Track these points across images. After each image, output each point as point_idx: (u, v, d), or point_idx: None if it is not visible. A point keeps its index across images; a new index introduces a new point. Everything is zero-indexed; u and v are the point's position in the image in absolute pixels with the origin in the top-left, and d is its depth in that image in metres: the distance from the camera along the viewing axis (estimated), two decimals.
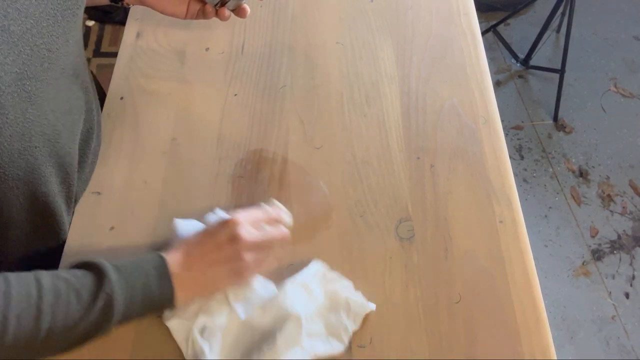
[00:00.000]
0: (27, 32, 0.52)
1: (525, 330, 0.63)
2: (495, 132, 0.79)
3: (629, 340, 1.55)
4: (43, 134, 0.58)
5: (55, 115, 0.61)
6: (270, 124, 0.80)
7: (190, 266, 0.58)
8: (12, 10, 0.51)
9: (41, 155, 0.59)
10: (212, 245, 0.59)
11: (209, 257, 0.59)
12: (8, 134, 0.52)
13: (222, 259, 0.59)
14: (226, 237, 0.59)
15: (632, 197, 1.82)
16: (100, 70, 2.04)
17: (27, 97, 0.54)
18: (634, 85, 2.08)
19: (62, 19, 0.57)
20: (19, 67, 0.52)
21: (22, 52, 0.52)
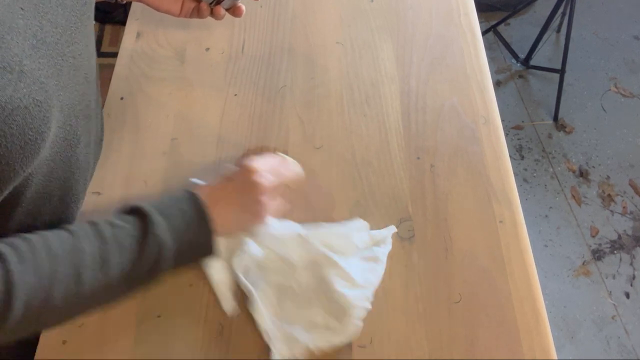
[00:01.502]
0: (58, 43, 0.53)
1: (525, 330, 0.63)
2: (495, 132, 0.79)
3: (630, 340, 1.55)
4: (65, 140, 0.59)
5: (78, 122, 0.61)
6: (270, 124, 0.80)
7: (215, 208, 0.60)
8: (46, 22, 0.51)
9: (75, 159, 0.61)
10: (234, 189, 0.63)
11: (231, 200, 0.62)
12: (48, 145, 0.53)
13: (243, 202, 0.62)
14: (245, 182, 0.62)
15: (632, 197, 1.82)
16: (100, 70, 2.03)
17: (59, 110, 0.54)
18: (634, 85, 2.08)
19: (81, 24, 0.58)
20: (56, 78, 0.52)
21: (57, 63, 0.52)
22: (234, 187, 0.63)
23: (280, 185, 0.65)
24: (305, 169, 0.75)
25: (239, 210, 0.63)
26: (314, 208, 0.72)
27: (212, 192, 0.62)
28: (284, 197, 0.67)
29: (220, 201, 0.61)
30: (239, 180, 0.63)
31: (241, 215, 0.63)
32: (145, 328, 0.63)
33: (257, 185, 0.62)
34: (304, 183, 0.74)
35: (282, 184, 0.66)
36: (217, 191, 0.63)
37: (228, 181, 0.64)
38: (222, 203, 0.61)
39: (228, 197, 0.62)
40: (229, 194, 0.62)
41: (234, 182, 0.63)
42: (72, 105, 0.59)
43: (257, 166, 0.63)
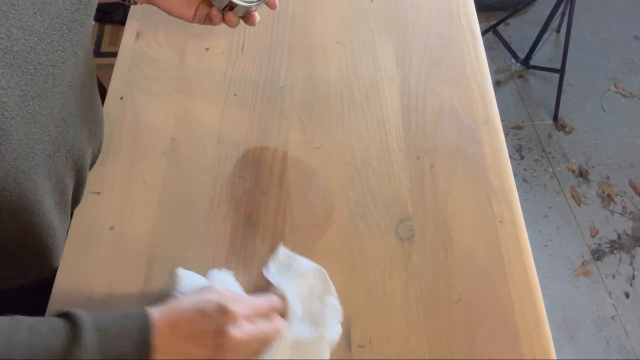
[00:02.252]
0: (31, 51, 0.50)
1: (525, 330, 0.63)
2: (495, 132, 0.79)
3: (629, 340, 1.55)
4: (44, 151, 0.57)
5: (58, 130, 0.59)
6: (270, 124, 0.80)
7: (172, 341, 0.54)
8: (16, 30, 0.48)
9: (42, 172, 0.58)
10: (201, 330, 0.54)
11: (193, 340, 0.54)
12: (12, 157, 0.51)
13: (205, 346, 0.54)
14: (215, 327, 0.54)
15: (632, 197, 1.82)
16: (100, 70, 2.03)
17: (30, 118, 0.52)
18: (634, 85, 2.09)
19: (68, 31, 0.55)
20: (22, 88, 0.50)
21: (25, 72, 0.50)
22: (203, 329, 0.54)
23: (254, 341, 0.56)
24: (305, 169, 0.75)
25: (193, 354, 0.54)
26: (314, 208, 0.72)
27: (175, 324, 0.54)
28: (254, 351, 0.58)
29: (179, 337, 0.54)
30: (211, 321, 0.54)
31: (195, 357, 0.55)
32: None
33: (226, 336, 0.53)
34: (304, 183, 0.74)
35: (258, 341, 0.57)
36: (182, 325, 0.54)
37: (199, 317, 0.54)
38: (180, 340, 0.54)
39: (191, 337, 0.54)
40: (193, 334, 0.54)
41: (205, 320, 0.54)
42: (51, 114, 0.56)
43: (239, 313, 0.55)
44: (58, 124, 0.59)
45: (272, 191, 0.74)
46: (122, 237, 0.70)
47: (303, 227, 0.71)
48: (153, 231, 0.70)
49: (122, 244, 0.69)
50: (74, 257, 0.68)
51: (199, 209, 0.72)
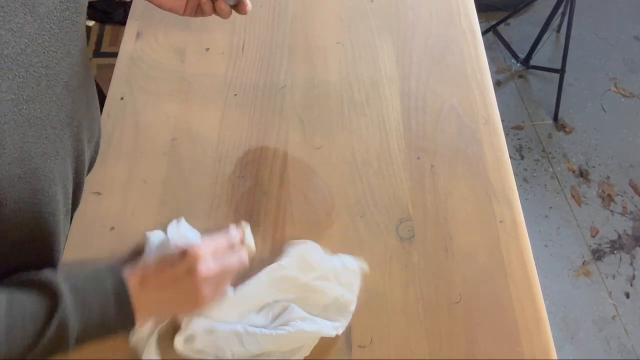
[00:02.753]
0: (22, 53, 0.50)
1: (525, 330, 0.63)
2: (495, 132, 0.79)
3: (630, 340, 1.55)
4: (44, 154, 0.56)
5: (55, 132, 0.59)
6: (270, 124, 0.80)
7: (147, 292, 0.56)
8: (5, 32, 0.47)
9: (44, 176, 0.57)
10: (170, 277, 0.57)
11: (166, 288, 0.57)
12: (7, 162, 0.50)
13: (179, 290, 0.57)
14: (184, 269, 0.57)
15: (632, 196, 1.82)
16: (100, 70, 2.04)
17: (25, 121, 0.52)
18: (634, 85, 2.08)
19: (59, 31, 0.55)
20: (15, 92, 0.49)
21: (17, 75, 0.49)
22: (171, 275, 0.57)
23: (224, 273, 0.59)
24: (305, 169, 0.75)
25: (171, 299, 0.58)
26: (314, 208, 0.72)
27: (144, 278, 0.56)
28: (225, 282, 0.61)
29: (152, 285, 0.56)
30: (177, 267, 0.57)
31: (173, 304, 0.58)
32: None
33: (195, 273, 0.56)
34: (305, 183, 0.74)
35: (227, 272, 0.59)
36: (151, 277, 0.57)
37: (166, 266, 0.57)
38: (153, 287, 0.56)
39: (162, 285, 0.57)
40: (164, 283, 0.57)
41: (172, 268, 0.57)
42: (47, 117, 0.56)
43: (200, 251, 0.57)
44: (55, 127, 0.58)
45: (272, 191, 0.74)
46: (122, 237, 0.70)
47: (303, 227, 0.71)
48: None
49: (122, 244, 0.69)
50: (74, 257, 0.68)
51: (200, 209, 0.72)
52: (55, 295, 0.52)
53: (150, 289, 0.56)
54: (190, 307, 0.59)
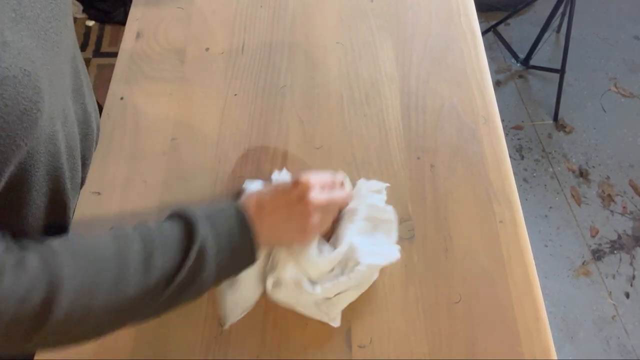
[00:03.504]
0: (39, 17, 0.53)
1: (525, 330, 0.63)
2: (495, 132, 0.79)
3: (629, 340, 1.55)
4: (59, 118, 0.59)
5: (65, 100, 0.62)
6: (270, 124, 0.80)
7: (261, 218, 0.60)
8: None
9: (60, 140, 0.60)
10: (283, 202, 0.61)
11: (280, 212, 0.61)
12: (46, 117, 0.53)
13: (291, 215, 0.61)
14: (297, 197, 0.61)
15: (632, 196, 1.82)
16: (100, 70, 2.04)
17: (50, 82, 0.54)
18: (634, 85, 2.09)
19: (55, 4, 0.58)
20: (42, 51, 0.52)
21: (39, 37, 0.52)
22: (285, 201, 0.61)
23: (331, 204, 0.63)
24: (305, 169, 0.75)
25: (284, 225, 0.61)
26: None
27: (260, 203, 0.61)
28: (332, 214, 0.65)
29: (267, 213, 0.60)
30: (290, 194, 0.61)
31: (286, 230, 0.62)
32: (145, 328, 0.63)
33: (307, 200, 0.60)
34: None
35: (334, 204, 0.64)
36: (267, 202, 0.61)
37: (280, 193, 0.62)
38: (269, 215, 0.60)
39: (277, 209, 0.61)
40: (278, 207, 0.61)
41: (285, 195, 0.61)
42: (63, 83, 0.59)
43: (311, 182, 0.62)
44: (64, 94, 0.61)
45: None
46: None
47: None
48: None
49: None
50: None
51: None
52: (192, 225, 0.56)
53: (266, 212, 0.60)
54: (300, 235, 0.62)
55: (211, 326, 0.63)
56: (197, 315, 0.64)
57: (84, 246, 0.52)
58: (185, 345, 0.62)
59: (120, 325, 0.53)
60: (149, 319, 0.55)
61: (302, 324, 0.64)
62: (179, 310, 0.64)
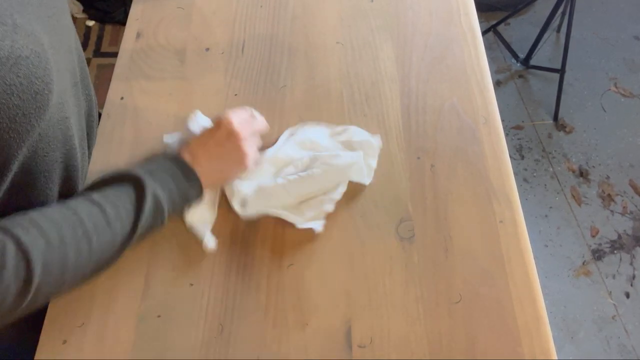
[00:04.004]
0: (41, 4, 0.55)
1: (525, 330, 0.63)
2: (495, 132, 0.79)
3: (630, 340, 1.55)
4: (69, 104, 0.62)
5: (70, 87, 0.64)
6: (270, 124, 0.80)
7: (199, 162, 0.65)
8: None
9: (72, 126, 0.63)
10: (214, 143, 0.66)
11: (214, 152, 0.66)
12: (55, 100, 0.55)
13: (225, 152, 0.66)
14: (224, 134, 0.66)
15: (633, 196, 1.82)
16: (100, 70, 2.04)
17: (57, 68, 0.56)
18: (634, 85, 2.08)
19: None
20: (48, 35, 0.54)
21: (43, 22, 0.54)
22: (214, 141, 0.66)
23: (253, 133, 0.69)
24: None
25: (221, 162, 0.66)
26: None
27: (192, 151, 0.65)
28: (257, 141, 0.71)
29: (203, 157, 0.65)
30: (217, 134, 0.66)
31: (224, 166, 0.67)
32: (145, 328, 0.63)
33: (234, 134, 0.66)
34: None
35: (255, 133, 0.70)
36: (198, 148, 0.65)
37: (207, 137, 0.67)
38: (204, 158, 0.65)
39: (210, 151, 0.65)
40: (211, 149, 0.65)
41: (213, 136, 0.66)
42: (67, 70, 0.61)
43: (232, 118, 0.67)
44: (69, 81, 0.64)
45: None
46: None
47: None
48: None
49: None
50: None
51: None
52: (138, 177, 0.60)
53: (202, 160, 0.65)
54: (239, 167, 0.68)
55: (211, 326, 0.63)
56: (197, 315, 0.64)
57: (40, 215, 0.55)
58: (185, 345, 0.62)
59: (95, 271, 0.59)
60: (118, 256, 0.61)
61: (302, 324, 0.64)
62: (179, 310, 0.64)
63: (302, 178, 0.68)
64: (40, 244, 0.52)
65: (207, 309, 0.65)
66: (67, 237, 0.54)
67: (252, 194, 0.69)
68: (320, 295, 0.65)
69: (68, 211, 0.56)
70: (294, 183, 0.68)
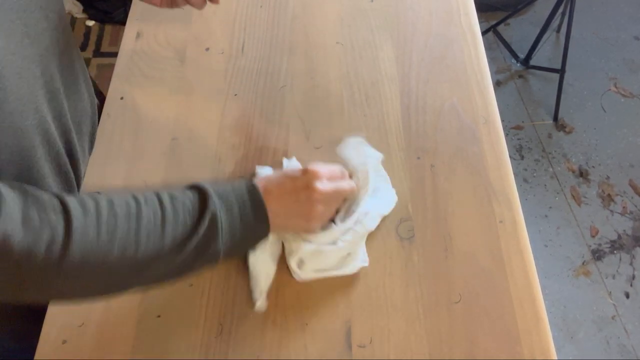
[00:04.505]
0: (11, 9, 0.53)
1: (525, 330, 0.63)
2: (495, 132, 0.79)
3: (629, 340, 1.55)
4: (35, 112, 0.59)
5: (43, 93, 0.61)
6: (270, 124, 0.80)
7: (269, 201, 0.60)
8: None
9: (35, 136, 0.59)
10: (291, 187, 0.62)
11: (286, 197, 0.62)
12: (8, 111, 0.53)
13: (297, 201, 0.62)
14: (303, 184, 0.62)
15: (632, 196, 1.82)
16: (100, 70, 2.04)
17: (17, 74, 0.54)
18: (634, 85, 2.08)
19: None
20: (2, 40, 0.52)
21: (2, 25, 0.52)
22: (292, 187, 0.62)
23: (337, 194, 0.65)
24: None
25: (290, 210, 0.62)
26: None
27: (268, 187, 0.61)
28: (336, 205, 0.67)
29: (274, 197, 0.61)
30: (297, 181, 0.62)
31: (292, 216, 0.62)
32: (145, 328, 0.63)
33: (313, 188, 0.62)
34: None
35: (339, 194, 0.65)
36: (274, 187, 0.61)
37: (288, 179, 0.63)
38: (276, 199, 0.61)
39: (283, 194, 0.61)
40: (285, 192, 0.62)
41: (293, 181, 0.62)
42: (34, 76, 0.58)
43: (319, 171, 0.63)
44: (42, 87, 0.60)
45: None
46: None
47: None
48: None
49: None
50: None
51: None
52: (206, 194, 0.57)
53: (273, 196, 0.61)
54: (304, 221, 0.63)
55: (211, 326, 0.63)
56: (196, 315, 0.64)
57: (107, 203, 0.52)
58: (185, 345, 0.62)
59: (130, 284, 0.54)
60: (159, 282, 0.56)
61: (302, 324, 0.64)
62: (179, 310, 0.64)
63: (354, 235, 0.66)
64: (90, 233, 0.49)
65: (206, 309, 0.65)
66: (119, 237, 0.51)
67: (309, 255, 0.65)
68: (320, 295, 0.65)
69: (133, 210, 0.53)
70: (348, 243, 0.66)
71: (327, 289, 0.66)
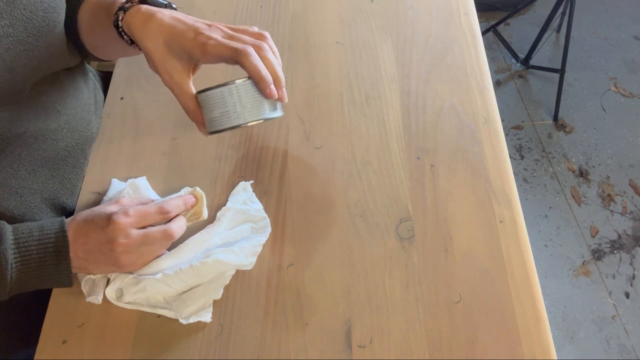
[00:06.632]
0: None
1: (525, 330, 0.63)
2: (495, 132, 0.79)
3: (630, 339, 1.55)
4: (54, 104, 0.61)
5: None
6: (270, 124, 0.80)
7: (76, 247, 0.61)
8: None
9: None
10: (95, 239, 0.61)
11: (90, 247, 0.61)
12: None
13: (101, 254, 0.61)
14: (106, 239, 0.60)
15: (632, 196, 1.82)
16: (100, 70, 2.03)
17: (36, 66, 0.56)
18: (634, 85, 2.08)
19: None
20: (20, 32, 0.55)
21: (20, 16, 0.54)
22: (96, 239, 0.61)
23: (148, 239, 0.61)
24: (305, 169, 0.75)
25: (95, 259, 0.62)
26: (314, 208, 0.72)
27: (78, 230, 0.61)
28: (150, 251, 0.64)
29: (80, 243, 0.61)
30: (101, 233, 0.60)
31: (98, 264, 0.62)
32: (145, 328, 0.63)
33: (116, 243, 0.60)
34: (305, 183, 0.74)
35: (152, 239, 0.62)
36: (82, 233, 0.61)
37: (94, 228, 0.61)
38: (81, 246, 0.61)
39: (88, 243, 0.61)
40: (89, 241, 0.61)
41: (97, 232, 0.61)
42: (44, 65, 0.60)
43: (122, 223, 0.60)
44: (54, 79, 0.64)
45: (272, 191, 0.74)
46: None
47: (303, 227, 0.71)
48: None
49: None
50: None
51: None
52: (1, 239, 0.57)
53: (80, 243, 0.61)
54: (115, 269, 0.63)
55: (211, 326, 0.63)
56: None
57: None
58: (185, 345, 0.62)
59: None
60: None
61: (302, 324, 0.64)
62: None
63: (185, 271, 0.63)
64: None
65: None
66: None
67: (128, 284, 0.63)
68: (320, 295, 0.66)
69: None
70: (175, 276, 0.63)
71: (327, 289, 0.66)
